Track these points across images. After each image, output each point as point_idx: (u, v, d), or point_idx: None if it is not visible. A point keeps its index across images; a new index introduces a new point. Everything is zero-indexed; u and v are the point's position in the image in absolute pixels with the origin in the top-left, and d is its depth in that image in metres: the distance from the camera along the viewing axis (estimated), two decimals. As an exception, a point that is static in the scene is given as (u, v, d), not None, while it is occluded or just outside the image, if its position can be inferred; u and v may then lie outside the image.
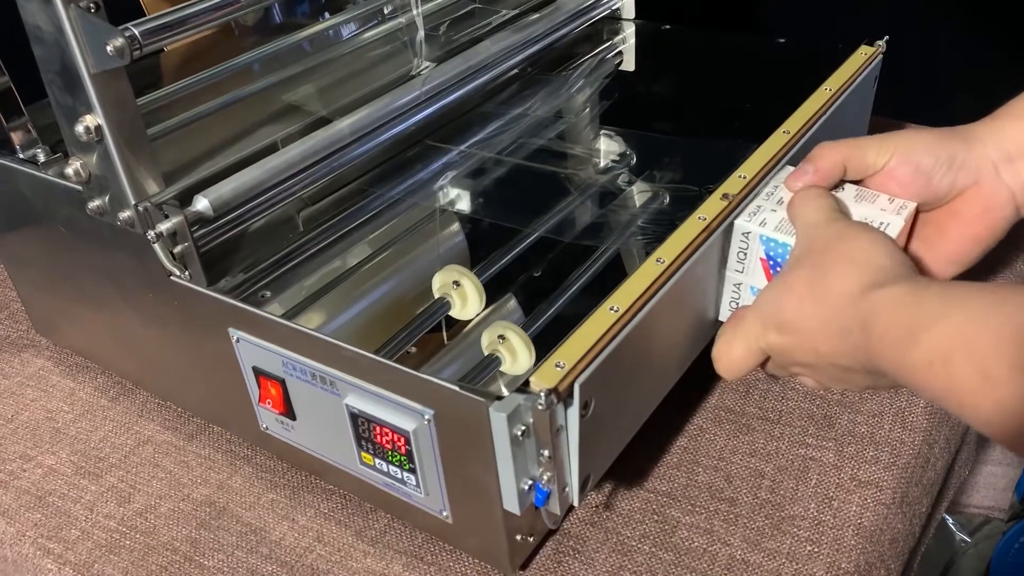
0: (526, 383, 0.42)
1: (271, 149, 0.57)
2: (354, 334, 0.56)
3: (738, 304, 0.53)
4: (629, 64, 0.82)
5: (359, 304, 0.58)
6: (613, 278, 0.48)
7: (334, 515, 0.55)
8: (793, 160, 0.57)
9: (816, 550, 0.50)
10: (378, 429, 0.47)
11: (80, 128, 0.48)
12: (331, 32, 0.73)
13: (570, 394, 0.42)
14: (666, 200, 0.61)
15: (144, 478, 0.59)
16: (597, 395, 0.43)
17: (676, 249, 0.49)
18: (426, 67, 0.69)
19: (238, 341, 0.52)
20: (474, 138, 0.70)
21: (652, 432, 0.56)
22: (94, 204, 0.52)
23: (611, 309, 0.45)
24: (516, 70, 0.75)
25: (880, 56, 0.69)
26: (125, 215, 0.51)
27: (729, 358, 0.48)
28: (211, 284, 0.52)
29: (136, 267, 0.54)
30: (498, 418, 0.41)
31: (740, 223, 0.51)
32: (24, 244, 0.65)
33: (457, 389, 0.42)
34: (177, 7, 0.48)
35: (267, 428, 0.55)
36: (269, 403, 0.52)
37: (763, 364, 0.49)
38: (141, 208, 0.50)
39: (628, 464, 0.54)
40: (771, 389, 0.60)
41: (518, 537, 0.48)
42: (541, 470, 0.43)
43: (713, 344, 0.49)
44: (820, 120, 0.61)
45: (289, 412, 0.52)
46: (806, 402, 0.59)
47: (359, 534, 0.53)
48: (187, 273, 0.52)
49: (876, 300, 0.41)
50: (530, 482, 0.44)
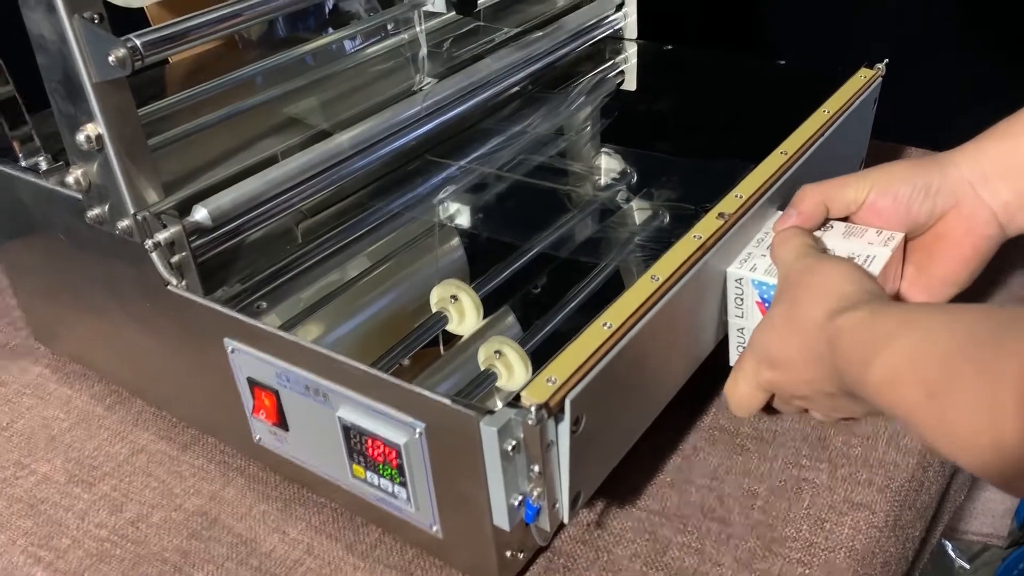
0: (517, 398, 0.42)
1: (271, 161, 0.58)
2: (351, 347, 0.56)
3: (743, 347, 0.55)
4: (630, 83, 0.83)
5: (356, 317, 0.58)
6: (611, 295, 0.48)
7: (325, 528, 0.55)
8: (789, 182, 0.58)
9: (808, 572, 0.49)
10: (370, 442, 0.47)
11: (81, 137, 0.48)
12: (334, 47, 0.74)
13: (561, 409, 0.42)
14: (666, 219, 0.62)
15: (137, 487, 0.59)
16: (588, 411, 0.43)
17: (671, 267, 0.50)
18: (428, 83, 0.70)
19: (233, 351, 0.52)
20: (474, 154, 0.70)
21: (645, 450, 0.56)
22: (93, 213, 0.52)
23: (604, 325, 0.45)
24: (517, 87, 0.76)
25: (879, 79, 0.70)
26: (124, 224, 0.51)
27: (737, 397, 0.52)
28: (208, 294, 0.53)
29: (134, 276, 0.54)
30: (488, 432, 0.41)
31: (732, 271, 0.53)
32: (24, 252, 0.65)
33: (448, 403, 0.42)
34: (180, 19, 0.49)
35: (260, 440, 0.55)
36: (263, 414, 0.53)
37: (771, 401, 0.52)
38: (140, 217, 0.51)
39: (620, 482, 0.54)
40: (766, 409, 0.60)
41: (508, 553, 0.48)
42: (531, 486, 0.43)
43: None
44: (818, 141, 0.61)
45: (282, 423, 0.52)
46: (800, 423, 0.58)
47: (349, 548, 0.53)
48: (184, 283, 0.52)
49: (839, 324, 0.43)
50: (520, 498, 0.44)
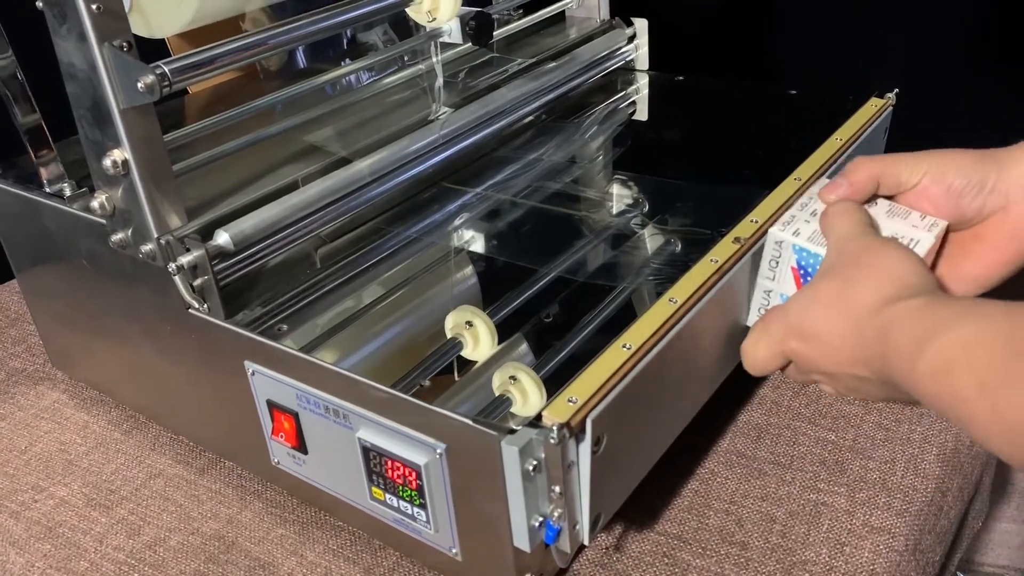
0: (538, 417, 0.42)
1: (292, 187, 0.59)
2: (368, 371, 0.56)
3: (766, 309, 0.54)
4: (643, 113, 0.84)
5: (373, 342, 0.58)
6: (625, 321, 0.49)
7: (343, 552, 0.55)
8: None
9: (828, 596, 0.49)
10: (389, 463, 0.47)
11: (108, 162, 0.49)
12: (353, 77, 0.75)
13: (582, 429, 0.42)
14: (680, 245, 0.62)
15: (154, 511, 0.59)
16: (609, 431, 0.43)
17: (689, 289, 0.50)
18: (444, 112, 0.71)
19: (253, 374, 0.52)
20: (490, 181, 0.71)
21: (663, 474, 0.56)
22: (117, 237, 0.53)
23: (623, 347, 0.46)
24: (532, 117, 0.77)
25: (890, 108, 0.71)
26: (147, 248, 0.52)
27: (754, 357, 0.50)
28: (229, 317, 0.53)
29: (155, 300, 0.55)
30: (510, 452, 0.41)
31: (774, 232, 0.52)
32: (45, 278, 0.66)
33: (469, 423, 0.42)
34: (204, 48, 0.50)
35: (278, 462, 0.55)
36: (282, 436, 0.53)
37: (783, 368, 0.50)
38: (163, 241, 0.51)
39: (639, 506, 0.54)
40: (782, 434, 0.60)
41: (527, 576, 0.47)
42: (552, 506, 0.43)
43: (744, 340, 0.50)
44: (831, 168, 0.62)
45: (301, 446, 0.52)
46: (818, 447, 0.58)
47: (368, 571, 0.53)
48: (206, 306, 0.53)
49: (895, 312, 0.42)
50: (541, 519, 0.44)
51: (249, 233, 0.54)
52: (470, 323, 0.54)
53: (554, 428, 0.40)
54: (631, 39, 0.86)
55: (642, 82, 0.87)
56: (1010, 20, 0.94)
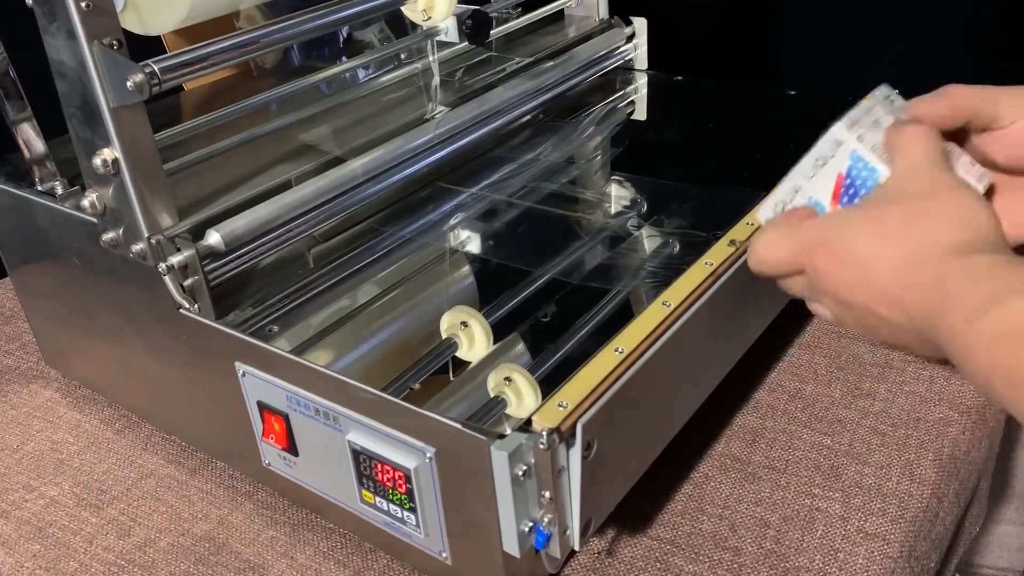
0: (528, 422, 0.41)
1: (285, 187, 0.58)
2: (361, 372, 0.56)
3: (785, 207, 0.48)
4: (641, 113, 0.83)
5: (367, 342, 0.58)
6: (622, 322, 0.48)
7: (333, 554, 0.54)
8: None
9: (821, 603, 0.49)
10: (379, 466, 0.47)
11: (98, 161, 0.49)
12: (348, 75, 0.75)
13: (572, 434, 0.41)
14: (676, 247, 0.62)
15: (145, 512, 0.58)
16: (600, 436, 0.43)
17: (682, 293, 0.50)
18: (440, 111, 0.70)
19: (244, 375, 0.52)
20: (485, 181, 0.71)
21: (656, 478, 0.55)
22: (108, 236, 0.53)
23: (616, 350, 0.45)
24: (529, 116, 0.76)
25: (890, 109, 0.70)
26: (138, 247, 0.52)
27: (766, 256, 0.45)
28: (219, 318, 0.53)
29: (146, 300, 0.55)
30: (499, 457, 0.41)
31: (837, 129, 0.46)
32: (38, 276, 0.65)
33: (459, 427, 0.42)
34: (195, 46, 0.49)
35: (269, 464, 0.55)
36: (272, 438, 0.52)
37: (787, 277, 0.46)
38: (154, 241, 0.51)
39: (631, 510, 0.54)
40: (777, 438, 0.59)
41: (518, 581, 0.47)
42: (542, 512, 0.43)
43: (755, 237, 0.46)
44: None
45: (292, 448, 0.52)
46: (813, 452, 0.58)
47: (358, 574, 0.53)
48: (196, 306, 0.53)
49: (964, 264, 0.38)
50: (531, 524, 0.43)
51: (240, 233, 0.53)
52: (465, 323, 0.54)
53: (544, 433, 0.40)
54: (630, 38, 0.86)
55: (641, 82, 0.86)
56: (1010, 16, 0.93)
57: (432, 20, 0.62)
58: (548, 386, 0.45)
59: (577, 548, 0.45)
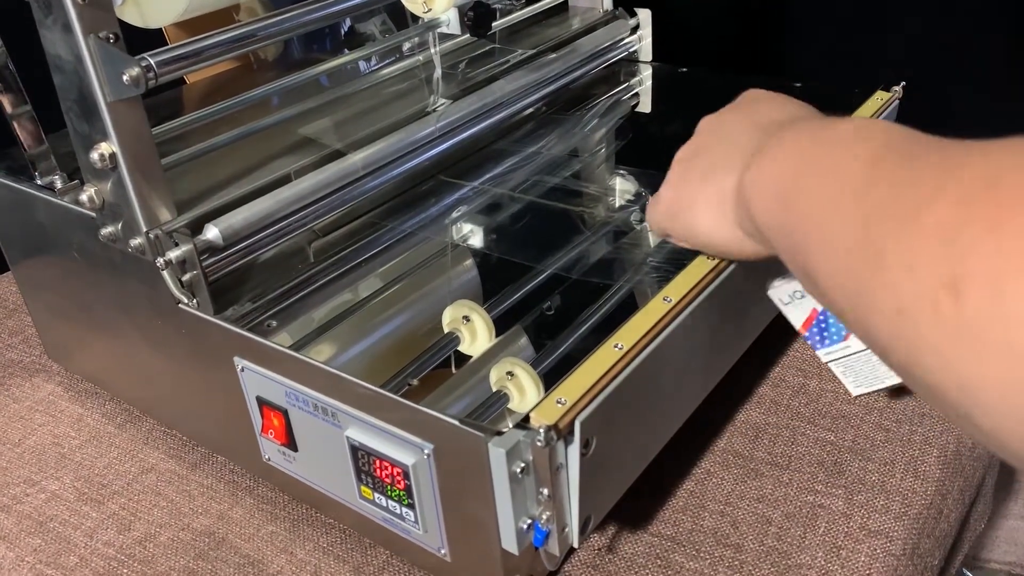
0: (526, 419, 0.41)
1: (284, 180, 0.58)
2: (363, 367, 0.55)
3: (803, 295, 0.53)
4: (645, 106, 0.82)
5: (368, 337, 0.58)
6: (625, 316, 0.48)
7: (333, 550, 0.54)
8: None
9: (823, 601, 0.48)
10: (378, 462, 0.46)
11: (95, 155, 0.49)
12: (349, 68, 0.74)
13: (571, 431, 0.41)
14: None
15: (146, 506, 0.58)
16: (599, 433, 0.42)
17: (684, 288, 0.49)
18: (442, 104, 0.70)
19: (243, 370, 0.52)
20: (488, 174, 0.70)
21: (657, 475, 0.55)
22: (107, 231, 0.53)
23: (615, 346, 0.45)
24: (532, 109, 0.76)
25: (897, 101, 0.69)
26: (136, 242, 0.51)
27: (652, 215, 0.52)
28: (218, 313, 0.52)
29: (145, 294, 0.54)
30: (497, 454, 0.40)
31: None
32: (39, 270, 0.65)
33: (456, 423, 0.41)
34: (194, 39, 0.49)
35: (269, 459, 0.55)
36: (271, 433, 0.52)
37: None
38: (152, 235, 0.51)
39: (631, 507, 0.53)
40: (780, 434, 0.59)
41: (516, 577, 0.47)
42: (540, 509, 0.43)
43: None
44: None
45: (291, 443, 0.52)
46: (816, 448, 0.58)
47: (357, 570, 0.53)
48: (195, 301, 0.52)
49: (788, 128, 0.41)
50: (529, 521, 0.43)
51: (239, 227, 0.53)
52: (467, 318, 0.54)
53: (541, 430, 0.40)
54: (634, 30, 0.85)
55: (645, 74, 0.86)
56: (1019, 10, 0.92)
57: (432, 12, 0.62)
58: (551, 381, 0.45)
59: (576, 545, 0.45)
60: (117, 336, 0.62)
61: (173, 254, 0.51)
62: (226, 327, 0.51)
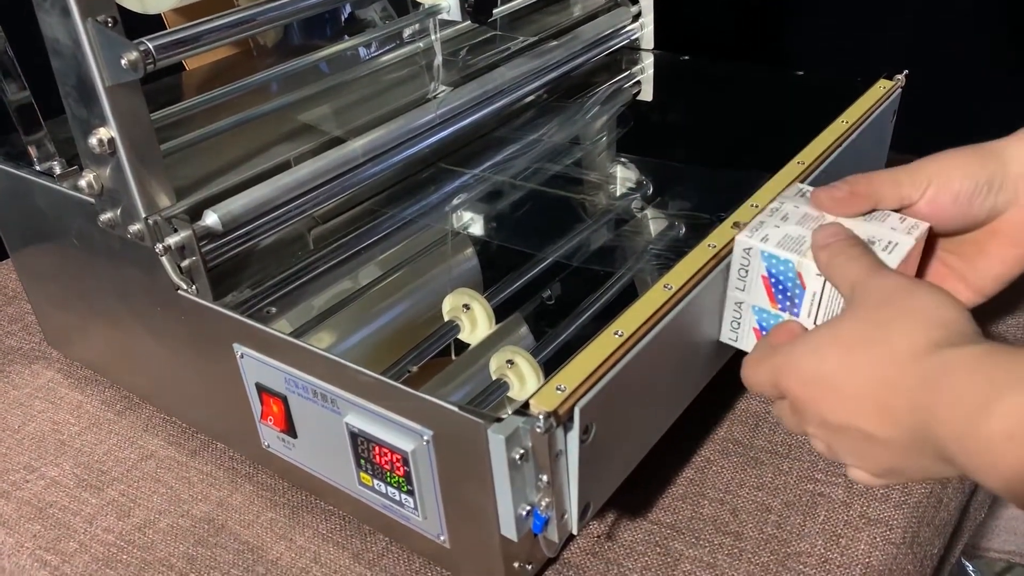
0: (526, 405, 0.41)
1: (284, 167, 0.58)
2: (362, 355, 0.55)
3: (739, 324, 0.52)
4: (647, 94, 0.82)
5: (368, 325, 0.58)
6: (625, 304, 0.48)
7: (332, 536, 0.54)
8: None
9: (822, 589, 0.48)
10: (377, 449, 0.46)
11: (94, 140, 0.48)
12: (349, 54, 0.74)
13: (570, 418, 0.41)
14: (683, 230, 0.61)
15: (145, 493, 0.58)
16: (599, 420, 0.42)
17: (684, 276, 0.49)
18: (442, 91, 0.70)
19: (242, 357, 0.51)
20: (488, 162, 0.70)
21: (657, 462, 0.55)
22: (106, 217, 0.52)
23: (616, 333, 0.45)
24: (533, 97, 0.75)
25: (899, 90, 0.69)
26: (135, 228, 0.51)
27: (751, 379, 0.45)
28: (217, 299, 0.52)
29: (144, 280, 0.54)
30: (496, 440, 0.40)
31: (741, 239, 0.49)
32: (39, 257, 0.65)
33: (455, 410, 0.41)
34: (190, 24, 0.49)
35: (268, 446, 0.55)
36: (271, 420, 0.52)
37: (772, 399, 0.46)
38: (151, 221, 0.51)
39: (631, 494, 0.53)
40: (780, 423, 0.59)
41: (516, 564, 0.47)
42: (540, 496, 0.43)
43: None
44: (835, 152, 0.61)
45: (290, 430, 0.52)
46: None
47: (356, 556, 0.53)
48: (194, 287, 0.52)
49: (948, 358, 0.36)
50: (528, 508, 0.43)
51: (238, 214, 0.53)
52: (467, 306, 0.54)
53: (541, 417, 0.40)
54: (636, 17, 0.85)
55: (647, 62, 0.85)
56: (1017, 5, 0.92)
57: (433, -2, 0.62)
58: (551, 369, 0.45)
59: (575, 532, 0.45)
60: (116, 323, 0.62)
61: (172, 240, 0.51)
62: (225, 313, 0.51)
